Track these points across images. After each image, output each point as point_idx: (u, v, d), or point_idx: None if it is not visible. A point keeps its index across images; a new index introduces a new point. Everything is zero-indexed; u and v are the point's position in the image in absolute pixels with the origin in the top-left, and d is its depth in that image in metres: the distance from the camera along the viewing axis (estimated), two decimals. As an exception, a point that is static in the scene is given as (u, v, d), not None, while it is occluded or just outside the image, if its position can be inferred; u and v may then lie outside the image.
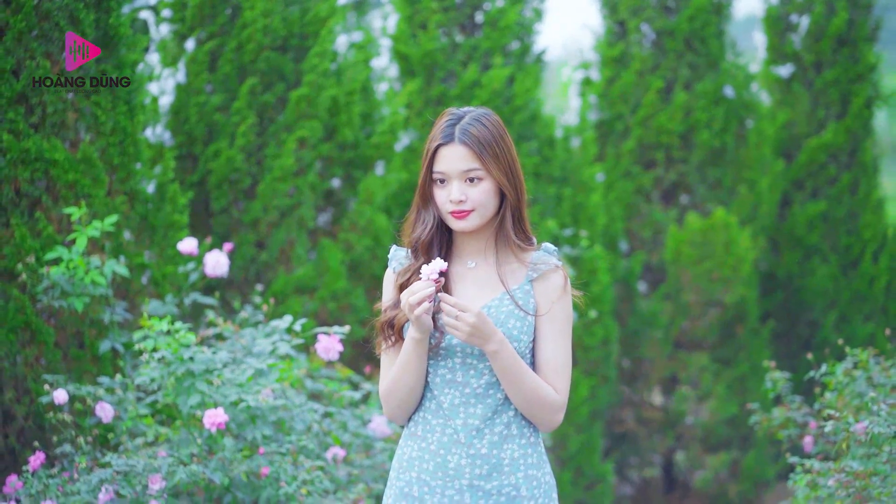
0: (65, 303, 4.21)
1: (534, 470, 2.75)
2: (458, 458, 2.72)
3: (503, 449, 2.72)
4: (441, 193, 2.70)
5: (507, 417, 2.73)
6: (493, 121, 2.71)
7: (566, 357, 2.73)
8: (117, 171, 4.65)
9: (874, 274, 7.93)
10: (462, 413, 2.72)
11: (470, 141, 2.66)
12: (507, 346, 2.64)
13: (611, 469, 6.83)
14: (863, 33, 7.96)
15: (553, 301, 2.73)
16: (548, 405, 2.69)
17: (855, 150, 8.03)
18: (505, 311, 2.71)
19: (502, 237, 2.74)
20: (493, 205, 2.71)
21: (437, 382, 2.75)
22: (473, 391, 2.72)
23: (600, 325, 6.67)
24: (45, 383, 4.12)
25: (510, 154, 2.71)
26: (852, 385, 4.34)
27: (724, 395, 7.24)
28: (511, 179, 2.70)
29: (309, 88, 5.55)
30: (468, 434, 2.72)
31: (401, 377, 2.74)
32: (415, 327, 2.66)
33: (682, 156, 7.48)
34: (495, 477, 2.71)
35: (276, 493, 3.78)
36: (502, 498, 2.72)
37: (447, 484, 2.73)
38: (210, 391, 3.81)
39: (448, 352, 2.73)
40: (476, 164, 2.67)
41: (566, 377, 2.73)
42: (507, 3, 6.42)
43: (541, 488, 2.75)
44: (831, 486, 3.87)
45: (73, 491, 3.73)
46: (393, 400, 2.77)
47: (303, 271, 5.51)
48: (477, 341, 2.62)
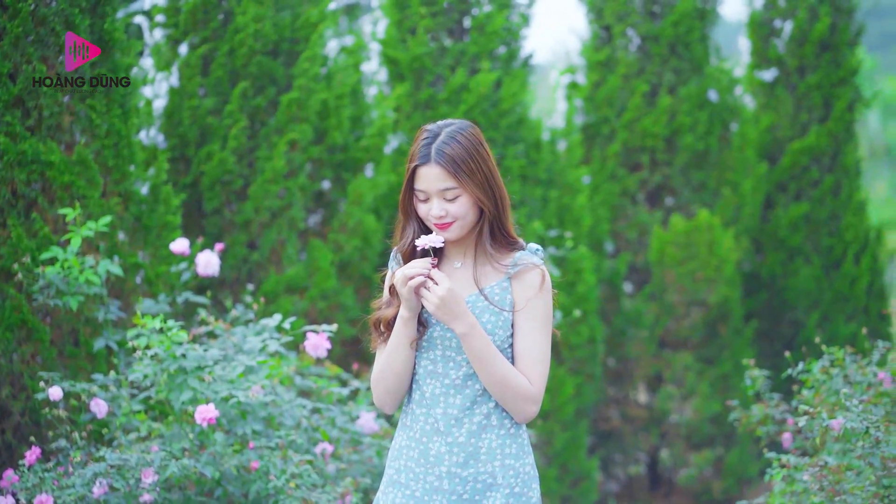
0: (60, 301, 4.26)
1: (511, 460, 2.85)
2: (438, 445, 2.84)
3: (481, 438, 2.83)
4: (423, 207, 2.84)
5: (487, 408, 2.84)
6: (468, 135, 2.82)
7: (541, 350, 2.83)
8: (112, 173, 4.71)
9: (856, 275, 7.96)
10: (442, 403, 2.85)
11: (444, 161, 2.77)
12: (478, 331, 2.76)
13: (596, 466, 6.84)
14: (845, 38, 7.99)
15: (529, 297, 2.83)
16: (520, 394, 2.80)
17: (837, 153, 8.05)
18: (480, 307, 2.83)
19: (481, 242, 2.87)
20: (473, 215, 2.84)
21: (421, 373, 2.88)
22: (452, 382, 2.85)
23: (586, 325, 6.70)
24: (41, 380, 4.16)
25: (486, 167, 2.82)
26: (829, 383, 4.41)
27: (708, 393, 7.26)
28: (487, 192, 2.81)
29: (299, 92, 5.60)
30: (447, 423, 2.84)
31: (389, 363, 2.86)
32: (405, 306, 2.79)
33: (667, 159, 7.50)
34: (472, 465, 2.82)
35: (266, 486, 3.84)
36: (478, 485, 2.82)
37: (428, 471, 2.85)
38: (202, 387, 3.87)
39: (430, 343, 2.86)
40: (452, 182, 2.79)
41: (541, 370, 2.83)
42: (494, 8, 6.44)
43: (518, 478, 2.85)
44: (806, 480, 3.93)
45: (68, 484, 3.78)
46: (381, 386, 2.90)
47: (293, 271, 5.56)
48: (444, 317, 2.75)
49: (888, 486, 3.67)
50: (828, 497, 3.82)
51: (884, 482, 3.68)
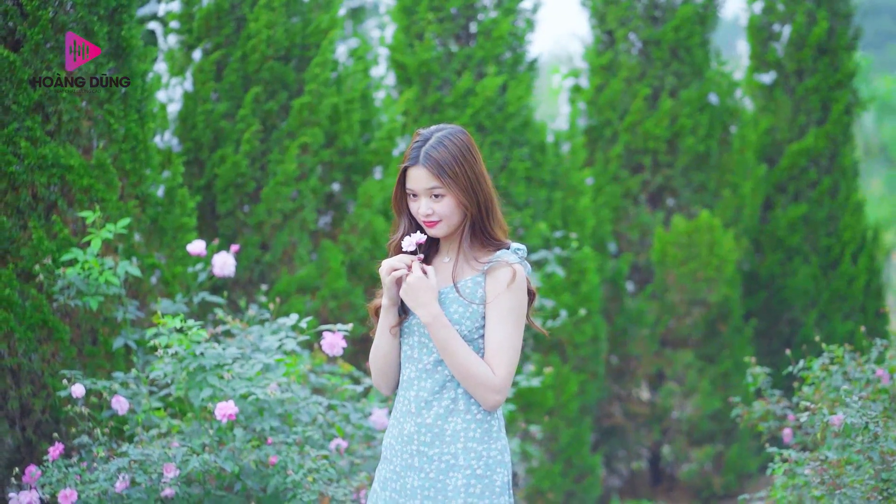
0: (80, 302, 4.34)
1: (474, 443, 3.01)
2: (410, 426, 3.06)
3: (447, 421, 3.02)
4: (414, 206, 3.05)
5: (455, 393, 3.03)
6: (455, 140, 3.02)
7: (507, 343, 2.99)
8: (129, 176, 4.77)
9: (853, 274, 8.05)
10: (416, 386, 3.06)
11: (430, 164, 2.98)
12: (441, 322, 2.96)
13: (600, 462, 6.89)
14: (843, 42, 8.07)
15: (498, 292, 2.99)
16: (481, 383, 2.97)
17: (835, 154, 8.13)
18: (450, 298, 3.03)
19: (462, 241, 3.06)
20: (458, 215, 3.03)
21: (403, 358, 3.11)
22: (424, 367, 3.05)
23: (589, 324, 6.76)
24: (64, 378, 4.24)
25: (472, 170, 3.01)
26: (829, 379, 4.49)
27: (709, 390, 7.32)
28: (470, 195, 3.00)
29: (311, 97, 5.67)
30: (418, 405, 3.05)
31: (376, 346, 3.11)
32: (385, 294, 3.03)
33: (668, 160, 7.55)
34: (437, 445, 3.02)
35: (284, 480, 3.91)
36: (442, 465, 3.01)
37: (404, 448, 3.07)
38: (221, 385, 3.95)
39: (409, 330, 3.07)
40: (436, 183, 2.99)
41: (506, 361, 2.99)
42: (500, 14, 6.50)
43: (480, 461, 3.01)
44: (807, 474, 4.00)
45: (91, 479, 3.85)
46: (373, 367, 3.15)
47: (305, 271, 5.63)
48: (410, 302, 2.97)
49: (887, 479, 3.76)
50: (828, 490, 3.89)
51: (882, 476, 3.76)
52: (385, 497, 3.09)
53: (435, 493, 2.99)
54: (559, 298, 6.51)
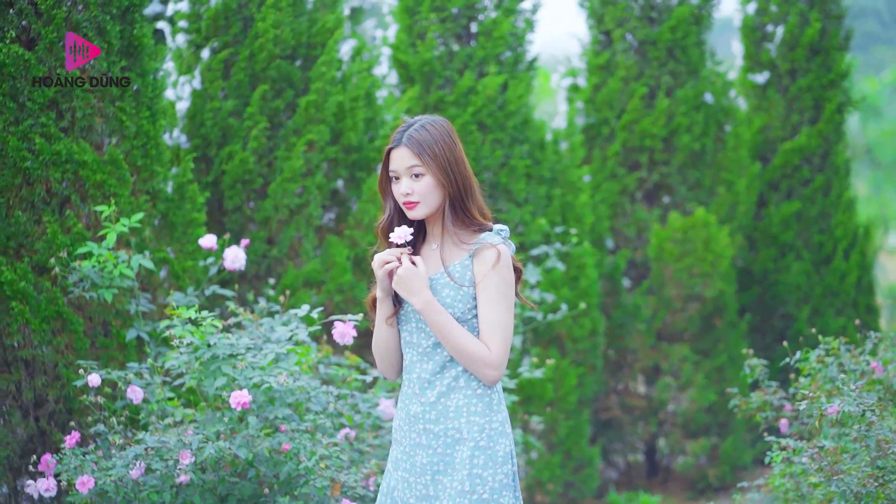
0: (95, 294, 4.41)
1: (477, 416, 3.16)
2: (416, 406, 3.21)
3: (449, 398, 3.17)
4: (395, 188, 3.19)
5: (456, 372, 3.18)
6: (437, 126, 3.18)
7: (499, 319, 3.14)
8: (140, 172, 4.84)
9: (845, 270, 8.14)
10: (417, 368, 3.22)
11: (410, 143, 3.13)
12: (434, 307, 3.10)
13: (597, 454, 6.95)
14: (835, 42, 8.16)
15: (485, 273, 3.14)
16: (477, 360, 3.12)
17: (827, 153, 8.21)
18: (441, 283, 3.16)
19: (446, 222, 3.20)
20: (437, 196, 3.16)
21: (403, 344, 3.26)
22: (424, 350, 3.20)
23: (588, 318, 6.84)
24: (80, 368, 4.30)
25: (451, 153, 3.16)
26: (825, 371, 4.56)
27: (704, 384, 7.39)
28: (449, 175, 3.14)
29: (316, 95, 5.74)
30: (421, 386, 3.20)
31: (377, 335, 3.26)
32: (379, 286, 3.17)
33: (665, 158, 7.62)
34: (442, 421, 3.17)
35: (297, 467, 3.99)
36: (448, 439, 3.16)
37: (411, 428, 3.22)
38: (234, 374, 4.02)
39: (406, 317, 3.22)
40: (416, 161, 3.13)
41: (500, 337, 3.13)
42: (500, 14, 6.56)
43: (483, 433, 3.15)
44: (805, 462, 4.08)
45: (108, 466, 3.92)
46: (376, 356, 3.29)
47: (311, 266, 5.70)
48: (403, 293, 3.11)
49: (882, 466, 3.83)
50: (825, 478, 3.96)
51: (878, 463, 3.84)
52: (398, 477, 3.23)
53: (444, 468, 3.14)
54: (559, 293, 6.60)
